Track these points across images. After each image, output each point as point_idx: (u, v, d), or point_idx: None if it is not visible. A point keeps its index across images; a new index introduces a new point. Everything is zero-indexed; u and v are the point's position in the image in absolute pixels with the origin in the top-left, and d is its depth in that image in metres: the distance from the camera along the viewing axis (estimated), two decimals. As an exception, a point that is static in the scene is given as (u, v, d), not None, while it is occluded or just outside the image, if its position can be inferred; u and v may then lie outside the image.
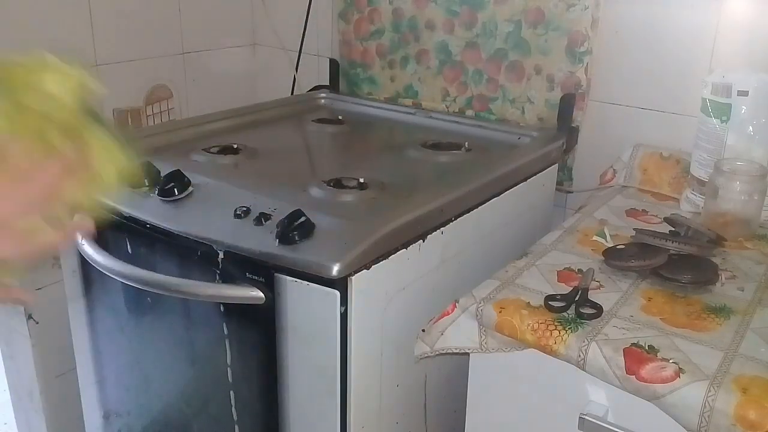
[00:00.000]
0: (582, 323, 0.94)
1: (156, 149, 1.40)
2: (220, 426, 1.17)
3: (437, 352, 1.06)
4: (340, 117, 1.70)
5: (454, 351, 1.04)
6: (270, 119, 1.68)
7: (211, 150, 1.39)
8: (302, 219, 1.00)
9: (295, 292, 1.00)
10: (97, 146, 0.53)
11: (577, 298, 0.99)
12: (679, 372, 0.85)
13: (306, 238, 1.00)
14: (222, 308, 1.10)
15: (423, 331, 1.07)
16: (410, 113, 1.72)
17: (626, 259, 1.08)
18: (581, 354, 0.90)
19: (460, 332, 1.03)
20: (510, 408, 1.05)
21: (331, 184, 1.22)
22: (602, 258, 1.12)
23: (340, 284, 0.97)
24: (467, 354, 1.06)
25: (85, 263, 1.26)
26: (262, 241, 1.01)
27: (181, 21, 1.85)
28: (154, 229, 1.12)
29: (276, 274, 1.01)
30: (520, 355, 0.99)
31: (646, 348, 0.89)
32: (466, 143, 1.47)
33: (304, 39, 1.94)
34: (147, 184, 1.00)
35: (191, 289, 1.08)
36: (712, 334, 0.92)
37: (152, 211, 1.14)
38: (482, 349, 1.01)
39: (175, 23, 1.84)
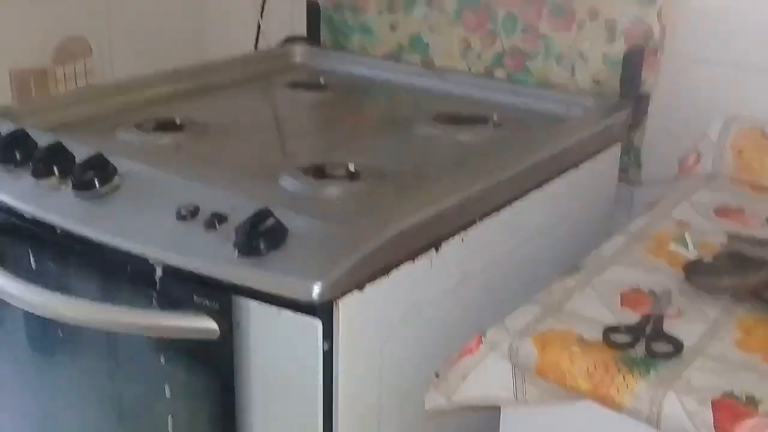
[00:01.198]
0: (655, 365, 0.94)
1: (69, 125, 1.40)
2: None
3: (456, 405, 1.06)
4: (321, 80, 1.70)
5: (481, 404, 1.04)
6: (225, 84, 1.68)
7: (145, 126, 1.39)
8: (270, 221, 1.00)
9: (262, 322, 1.00)
10: None
11: (648, 331, 0.99)
12: (789, 431, 0.85)
13: (276, 247, 0.99)
14: (161, 344, 1.10)
15: (437, 376, 1.07)
16: (418, 74, 1.72)
17: (716, 276, 1.08)
18: (654, 407, 0.90)
19: (487, 377, 1.02)
20: (556, 480, 1.05)
21: (311, 172, 1.22)
22: (683, 274, 1.12)
23: (323, 311, 0.97)
24: (497, 409, 1.06)
25: (-29, 282, 1.26)
26: (215, 252, 1.01)
27: (103, -52, 1.85)
28: (67, 235, 1.12)
29: (235, 298, 1.00)
30: (571, 410, 0.98)
31: (743, 399, 0.89)
32: (495, 116, 1.47)
33: (273, -28, 1.95)
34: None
35: (118, 318, 1.07)
36: (834, 379, 0.93)
37: (64, 211, 1.13)
38: (518, 401, 1.01)
39: (94, -49, 1.84)
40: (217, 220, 1.05)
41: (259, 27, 1.97)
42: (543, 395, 1.00)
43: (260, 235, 0.99)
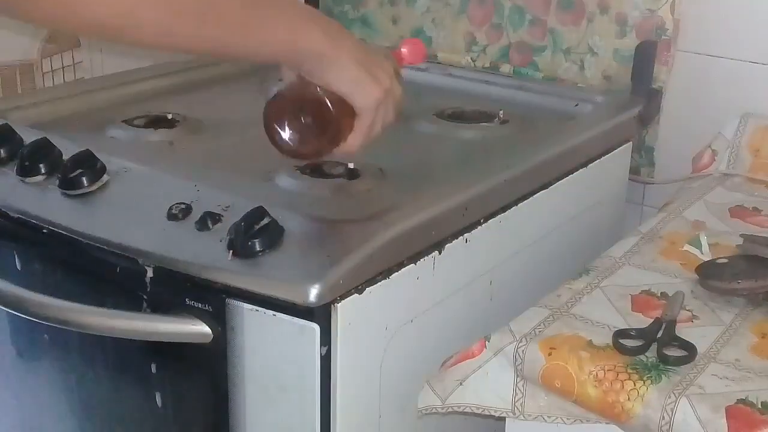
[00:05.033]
0: (667, 371, 0.94)
1: (56, 121, 1.40)
2: None
3: (450, 409, 1.06)
4: (320, 75, 1.70)
5: (476, 411, 1.04)
6: (219, 78, 1.68)
7: (136, 122, 1.39)
8: (266, 221, 1.00)
9: (256, 326, 1.00)
10: None
11: (660, 335, 0.99)
12: (807, 440, 0.85)
13: (271, 248, 1.00)
14: (151, 349, 1.10)
15: (441, 365, 1.07)
16: (420, 69, 1.72)
17: (730, 279, 1.08)
18: (666, 415, 0.90)
19: (488, 384, 1.03)
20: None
21: (307, 170, 1.22)
22: (696, 277, 1.12)
23: (321, 315, 0.97)
24: (500, 419, 1.06)
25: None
26: (208, 253, 1.01)
27: (93, -63, 1.85)
28: (54, 235, 1.12)
29: (228, 301, 1.00)
30: (580, 425, 0.99)
31: (759, 406, 0.89)
32: (501, 112, 1.47)
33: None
34: None
35: (107, 321, 1.07)
36: None
37: (51, 210, 1.13)
38: (516, 414, 1.01)
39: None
40: (210, 219, 1.05)
41: (254, 20, 1.97)
42: (542, 410, 1.00)
43: (255, 236, 0.99)
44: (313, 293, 0.95)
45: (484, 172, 1.22)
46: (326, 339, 0.98)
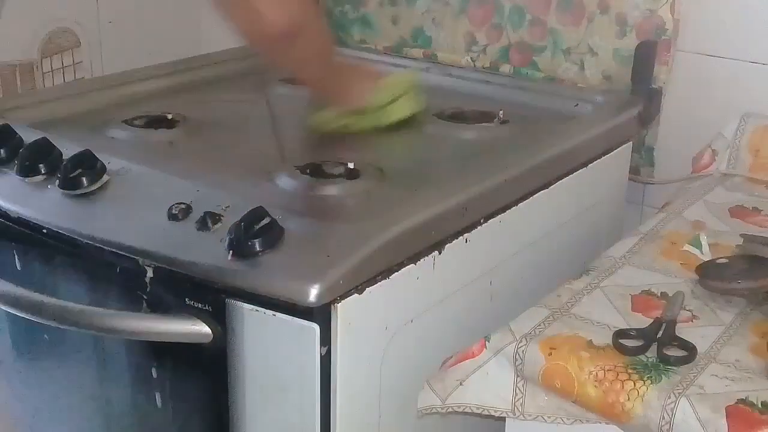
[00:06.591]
0: (667, 371, 0.94)
1: (56, 121, 1.40)
2: None
3: (450, 409, 1.06)
4: (320, 75, 1.70)
5: (476, 411, 1.04)
6: (219, 78, 1.68)
7: (136, 122, 1.39)
8: (266, 221, 1.00)
9: (256, 327, 1.00)
10: None
11: (660, 335, 0.99)
12: (807, 441, 0.85)
13: (271, 248, 1.00)
14: (151, 349, 1.10)
15: (441, 365, 1.07)
16: (421, 69, 1.72)
17: (731, 279, 1.08)
18: (666, 415, 0.91)
19: (488, 384, 1.03)
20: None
21: (308, 170, 1.22)
22: (696, 277, 1.12)
23: (321, 315, 0.97)
24: (500, 419, 1.06)
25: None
26: (208, 253, 1.01)
27: (92, -63, 1.85)
28: (54, 236, 1.12)
29: (228, 301, 1.01)
30: (580, 425, 0.99)
31: (759, 406, 0.89)
32: (501, 112, 1.47)
33: (269, -37, 1.94)
34: None
35: (107, 321, 1.07)
36: None
37: (51, 210, 1.14)
38: (516, 414, 1.01)
39: (83, -59, 1.84)
40: (210, 219, 1.05)
41: (254, 20, 1.97)
42: (542, 410, 1.00)
43: (255, 236, 0.99)
44: (313, 293, 0.95)
45: (484, 172, 1.22)
46: (326, 339, 0.98)
